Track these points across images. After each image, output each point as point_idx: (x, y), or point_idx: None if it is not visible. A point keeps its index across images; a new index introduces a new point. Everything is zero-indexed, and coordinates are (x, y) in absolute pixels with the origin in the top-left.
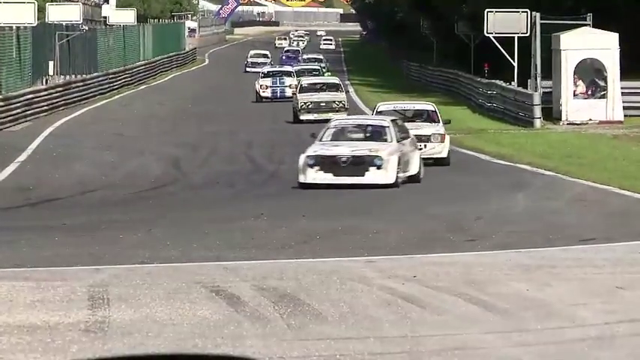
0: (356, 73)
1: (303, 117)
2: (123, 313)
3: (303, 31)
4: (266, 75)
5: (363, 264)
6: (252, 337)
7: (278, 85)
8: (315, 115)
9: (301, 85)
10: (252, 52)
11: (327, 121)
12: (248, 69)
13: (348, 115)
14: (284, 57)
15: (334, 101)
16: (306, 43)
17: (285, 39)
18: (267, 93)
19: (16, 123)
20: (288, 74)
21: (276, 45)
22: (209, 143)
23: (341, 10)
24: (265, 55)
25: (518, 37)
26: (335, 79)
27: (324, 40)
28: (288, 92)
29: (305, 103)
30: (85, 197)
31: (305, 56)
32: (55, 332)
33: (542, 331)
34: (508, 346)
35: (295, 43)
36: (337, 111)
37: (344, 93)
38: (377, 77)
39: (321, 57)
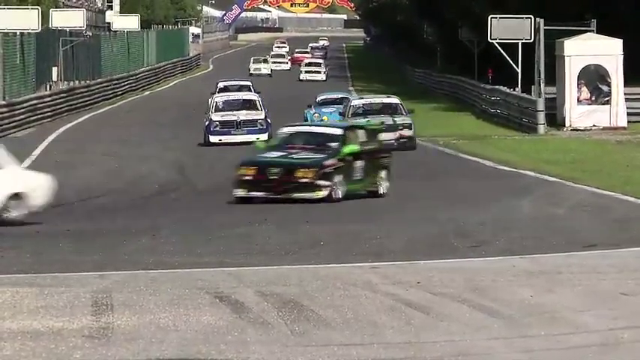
0: (360, 79)
1: None
2: (127, 319)
3: (323, 43)
4: None
5: (366, 270)
6: (255, 343)
7: None
8: None
9: None
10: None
11: None
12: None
13: None
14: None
15: None
16: (326, 73)
17: (264, 61)
18: None
19: (20, 129)
20: None
21: (251, 70)
22: (213, 149)
23: (345, 16)
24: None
25: (521, 43)
26: None
27: (308, 65)
28: None
29: None
30: (88, 203)
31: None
32: (59, 338)
33: (546, 337)
34: (512, 352)
35: (306, 73)
36: None
37: None
38: (381, 83)
39: None
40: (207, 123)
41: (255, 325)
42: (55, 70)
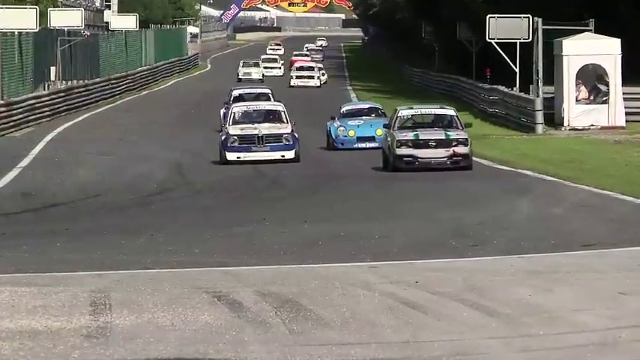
0: (358, 78)
1: None
2: (125, 318)
3: (321, 44)
4: None
5: (365, 269)
6: (254, 342)
7: None
8: None
9: None
10: None
11: None
12: None
13: None
14: (237, 116)
15: None
16: (320, 78)
17: (254, 65)
18: None
19: (18, 128)
20: None
21: (240, 75)
22: (212, 149)
23: (343, 16)
24: None
25: (520, 42)
26: None
27: (299, 70)
28: None
29: None
30: (87, 203)
31: None
32: (57, 338)
33: (544, 336)
34: (510, 351)
35: (297, 79)
36: None
37: None
38: (379, 82)
39: None
40: (223, 137)
41: (254, 324)
42: (53, 69)
